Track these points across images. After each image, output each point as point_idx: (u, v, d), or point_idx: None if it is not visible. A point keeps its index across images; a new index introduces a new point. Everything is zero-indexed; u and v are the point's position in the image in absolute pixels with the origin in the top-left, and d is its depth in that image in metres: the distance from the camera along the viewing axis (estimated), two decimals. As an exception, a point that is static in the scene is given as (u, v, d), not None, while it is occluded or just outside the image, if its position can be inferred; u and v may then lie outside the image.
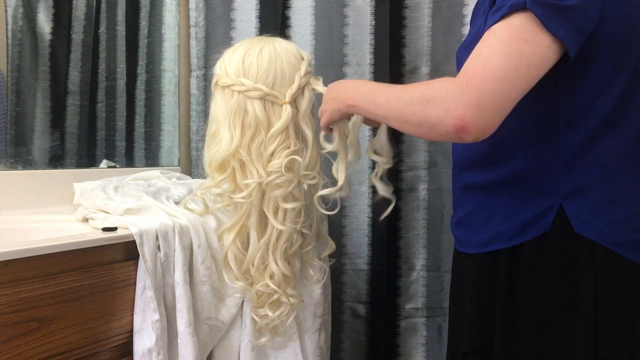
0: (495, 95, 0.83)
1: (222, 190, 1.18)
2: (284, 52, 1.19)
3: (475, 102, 0.82)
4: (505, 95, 0.83)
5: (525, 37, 0.84)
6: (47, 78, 1.45)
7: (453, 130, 0.84)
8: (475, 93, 0.83)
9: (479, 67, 0.84)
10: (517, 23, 0.84)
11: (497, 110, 0.84)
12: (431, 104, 0.86)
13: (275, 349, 1.26)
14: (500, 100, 0.83)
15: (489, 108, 0.83)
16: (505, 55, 0.83)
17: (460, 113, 0.83)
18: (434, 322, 1.63)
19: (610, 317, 0.90)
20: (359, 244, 1.66)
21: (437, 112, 0.85)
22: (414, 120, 0.90)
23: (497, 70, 0.83)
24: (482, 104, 0.82)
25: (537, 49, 0.84)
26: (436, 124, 0.86)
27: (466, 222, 1.05)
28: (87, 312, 1.00)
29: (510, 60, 0.83)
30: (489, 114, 0.83)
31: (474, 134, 0.84)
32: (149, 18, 1.72)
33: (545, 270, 0.93)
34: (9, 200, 1.28)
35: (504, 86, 0.83)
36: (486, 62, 0.84)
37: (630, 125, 0.93)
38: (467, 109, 0.82)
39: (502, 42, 0.84)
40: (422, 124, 0.88)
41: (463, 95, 0.83)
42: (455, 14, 1.58)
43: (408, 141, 1.62)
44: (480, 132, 0.84)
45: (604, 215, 0.91)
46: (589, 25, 0.87)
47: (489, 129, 0.84)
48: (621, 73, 0.91)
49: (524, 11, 0.84)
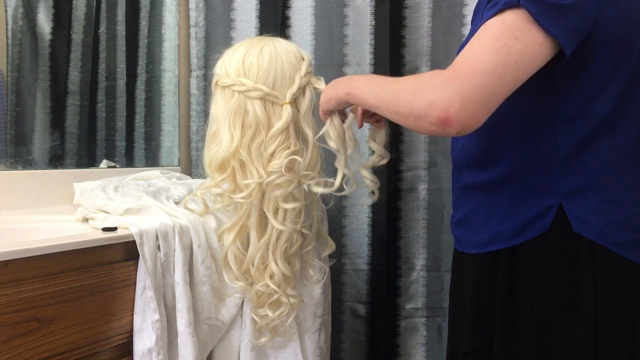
0: (481, 90, 0.83)
1: (222, 190, 1.18)
2: (284, 52, 1.19)
3: (459, 96, 0.82)
4: (491, 90, 0.83)
5: (517, 34, 0.84)
6: (47, 78, 1.45)
7: (437, 122, 0.84)
8: (461, 86, 0.83)
9: (468, 62, 0.84)
10: (511, 19, 0.84)
11: (483, 105, 0.83)
12: (418, 95, 0.86)
13: (275, 349, 1.26)
14: (486, 95, 0.83)
15: (474, 102, 0.83)
16: (495, 51, 0.83)
17: (444, 106, 0.83)
18: (434, 322, 1.63)
19: (609, 317, 0.90)
20: (359, 244, 1.66)
21: (422, 103, 0.85)
22: (402, 110, 0.90)
23: (485, 65, 0.83)
24: (467, 97, 0.82)
25: (527, 45, 0.84)
26: (421, 115, 0.86)
27: (466, 222, 1.05)
28: (87, 312, 1.00)
29: (499, 56, 0.83)
30: (474, 109, 0.83)
31: (457, 128, 0.83)
32: (149, 18, 1.72)
33: (545, 270, 0.93)
34: (9, 200, 1.28)
35: (490, 81, 0.83)
36: (475, 57, 0.84)
37: (630, 125, 0.93)
38: (452, 102, 0.82)
39: (493, 37, 0.85)
40: (409, 114, 0.88)
41: (449, 88, 0.83)
42: (455, 14, 1.58)
43: (408, 141, 1.62)
44: (464, 126, 0.84)
45: (603, 215, 0.91)
46: (586, 25, 0.86)
47: (473, 124, 0.84)
48: (621, 73, 0.91)
49: (518, 8, 0.84)
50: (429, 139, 1.61)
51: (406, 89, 0.89)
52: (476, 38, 0.87)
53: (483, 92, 0.83)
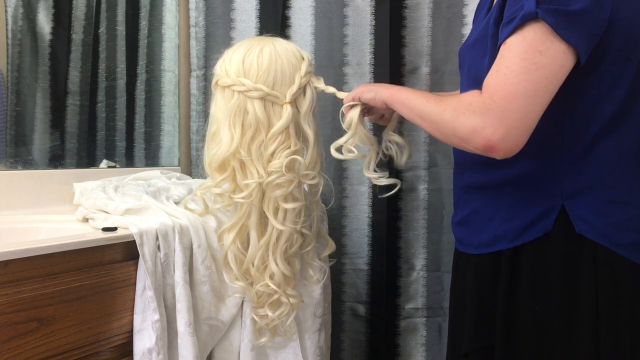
0: (520, 113, 0.84)
1: (222, 190, 1.18)
2: (284, 52, 1.19)
3: (500, 123, 0.84)
4: (529, 110, 0.85)
5: (540, 49, 0.84)
6: (47, 78, 1.45)
7: (481, 149, 0.87)
8: (500, 113, 0.84)
9: (499, 85, 0.85)
10: (530, 35, 0.85)
11: (524, 128, 0.85)
12: (460, 120, 0.88)
13: (275, 349, 1.26)
14: (525, 117, 0.85)
15: (515, 127, 0.85)
16: (523, 70, 0.84)
17: (487, 134, 0.85)
18: (434, 322, 1.63)
19: (611, 317, 0.90)
20: (359, 244, 1.66)
21: (464, 129, 0.87)
22: (445, 131, 0.92)
23: (517, 87, 0.84)
24: (508, 123, 0.84)
25: (553, 58, 0.84)
26: (465, 139, 0.88)
27: (467, 222, 1.05)
28: (87, 312, 1.00)
29: (528, 75, 0.84)
30: (516, 133, 0.85)
31: (501, 153, 0.86)
32: (149, 18, 1.72)
33: (547, 270, 0.93)
34: (9, 200, 1.28)
35: (526, 102, 0.84)
36: (505, 79, 0.85)
37: (634, 125, 0.93)
38: (494, 130, 0.85)
39: (517, 56, 0.85)
40: (452, 136, 0.91)
41: (489, 115, 0.85)
42: (455, 14, 1.58)
43: (408, 141, 1.61)
44: (508, 151, 0.86)
45: (605, 216, 0.91)
46: (599, 29, 0.87)
47: (516, 148, 0.86)
48: (627, 74, 0.91)
49: (536, 21, 0.84)
50: (429, 139, 1.61)
51: (449, 110, 0.90)
52: (500, 59, 0.87)
53: (522, 115, 0.84)
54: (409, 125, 1.58)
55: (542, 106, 0.86)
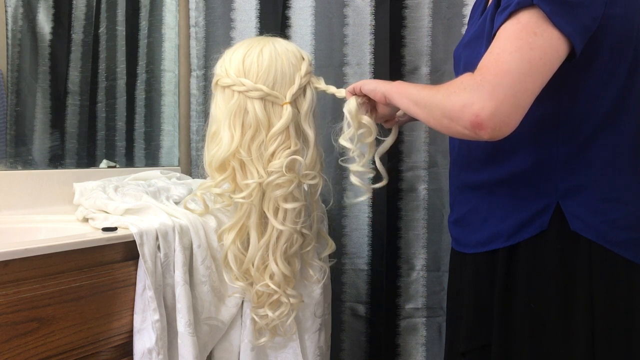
0: (511, 90, 0.82)
1: (222, 190, 1.18)
2: (284, 52, 1.19)
3: (490, 97, 0.82)
4: (521, 88, 0.83)
5: (535, 31, 0.83)
6: (47, 78, 1.45)
7: (470, 126, 0.84)
8: (490, 88, 0.82)
9: (492, 63, 0.84)
10: (526, 19, 0.84)
11: (514, 105, 0.83)
12: (450, 98, 0.86)
13: (275, 349, 1.26)
14: (516, 94, 0.82)
15: (505, 103, 0.82)
16: (516, 48, 0.83)
17: (476, 109, 0.83)
18: (434, 322, 1.63)
19: (606, 315, 0.90)
20: (359, 244, 1.66)
21: (454, 106, 0.85)
22: (436, 114, 0.90)
23: (510, 64, 0.83)
24: (499, 98, 0.82)
25: (549, 40, 0.84)
26: (454, 118, 0.86)
27: (464, 221, 1.05)
28: (87, 312, 1.00)
29: (522, 53, 0.83)
30: (506, 110, 0.82)
31: (489, 131, 0.83)
32: (149, 18, 1.72)
33: (542, 269, 0.93)
34: (9, 200, 1.28)
35: (518, 79, 0.82)
36: (498, 57, 0.84)
37: (628, 123, 0.93)
38: (483, 105, 0.82)
39: (512, 36, 0.84)
40: (442, 117, 0.88)
41: (479, 90, 0.83)
42: (455, 14, 1.58)
43: (408, 141, 1.62)
44: (497, 130, 0.83)
45: (600, 213, 0.91)
46: (593, 23, 0.87)
47: (505, 127, 0.83)
48: (620, 71, 0.91)
49: (531, 7, 0.84)
50: (429, 139, 1.61)
51: (441, 92, 0.89)
52: (495, 41, 0.87)
53: (513, 92, 0.82)
54: (410, 125, 1.58)
55: (534, 89, 0.84)
